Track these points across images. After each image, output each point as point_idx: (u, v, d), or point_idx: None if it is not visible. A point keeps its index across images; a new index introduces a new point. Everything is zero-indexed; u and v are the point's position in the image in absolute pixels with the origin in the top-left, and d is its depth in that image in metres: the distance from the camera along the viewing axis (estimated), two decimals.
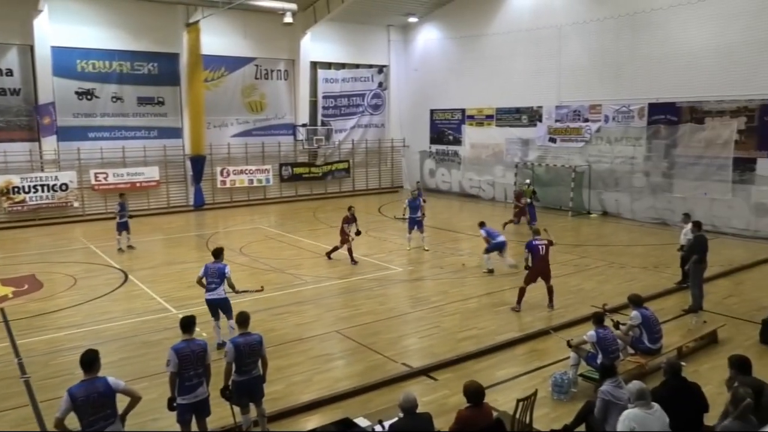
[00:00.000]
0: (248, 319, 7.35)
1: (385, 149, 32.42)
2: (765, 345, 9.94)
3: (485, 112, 28.09)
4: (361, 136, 31.53)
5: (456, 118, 29.63)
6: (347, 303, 12.54)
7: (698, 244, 11.91)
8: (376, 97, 31.92)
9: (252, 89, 28.05)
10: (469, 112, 28.89)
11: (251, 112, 28.17)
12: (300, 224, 22.34)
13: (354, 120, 31.20)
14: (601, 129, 23.20)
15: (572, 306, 12.17)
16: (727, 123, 19.41)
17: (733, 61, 18.96)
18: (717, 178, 19.66)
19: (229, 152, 27.38)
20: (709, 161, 19.88)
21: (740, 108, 19.15)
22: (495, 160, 27.62)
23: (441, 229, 21.02)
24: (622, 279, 14.35)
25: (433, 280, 14.40)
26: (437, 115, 30.65)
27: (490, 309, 12.10)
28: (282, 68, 28.78)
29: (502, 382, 8.76)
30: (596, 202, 23.64)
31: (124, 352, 10.00)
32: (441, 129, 30.53)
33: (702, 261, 11.79)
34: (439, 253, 17.06)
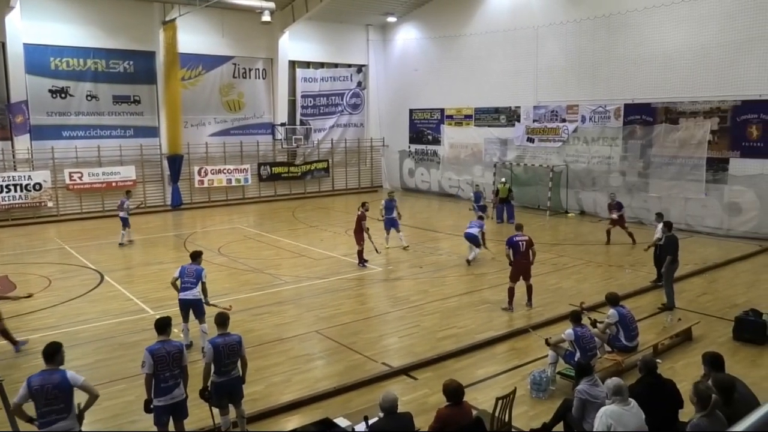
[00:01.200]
0: (227, 319, 7.30)
1: (364, 149, 32.41)
2: (738, 342, 10.15)
3: (464, 112, 28.23)
4: (340, 136, 31.49)
5: (435, 117, 29.73)
6: (327, 303, 12.51)
7: (670, 244, 12.12)
8: (355, 97, 31.89)
9: (230, 88, 27.85)
10: (448, 111, 29.01)
11: (229, 111, 27.97)
12: (279, 224, 22.23)
13: (333, 119, 31.15)
14: (578, 129, 23.46)
15: (550, 305, 12.29)
16: (701, 123, 19.76)
17: (707, 63, 19.31)
18: (691, 177, 20.00)
19: (207, 151, 27.15)
20: (683, 161, 20.22)
21: (713, 109, 19.50)
22: (474, 160, 27.77)
23: (420, 228, 21.07)
24: (600, 278, 14.54)
25: (412, 280, 14.44)
26: (416, 114, 30.72)
27: (470, 308, 12.17)
28: (260, 67, 28.61)
29: (481, 380, 8.81)
30: (574, 201, 23.91)
31: (100, 354, 9.86)
32: (420, 129, 30.61)
33: (674, 261, 12.00)
34: (418, 253, 17.10)
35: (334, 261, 16.21)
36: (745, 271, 15.22)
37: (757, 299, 12.56)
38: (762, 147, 18.58)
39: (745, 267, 15.67)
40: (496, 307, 12.15)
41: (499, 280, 14.11)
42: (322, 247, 17.95)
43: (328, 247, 17.78)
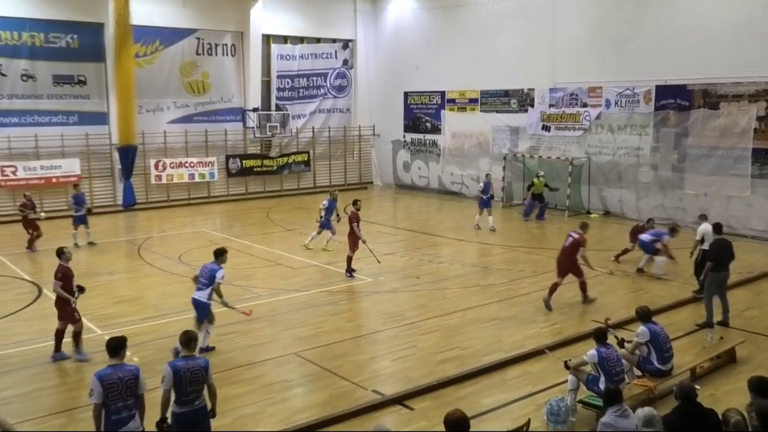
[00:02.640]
0: (194, 339, 7.26)
1: (351, 138, 32.38)
2: None
3: (468, 96, 28.28)
4: (323, 123, 31.46)
5: (434, 102, 29.76)
6: (307, 320, 12.47)
7: (715, 249, 12.15)
8: (340, 77, 31.87)
9: (192, 67, 27.77)
10: (449, 95, 29.04)
11: (192, 94, 27.88)
12: (251, 227, 22.18)
13: (314, 104, 31.11)
14: (601, 115, 23.53)
15: (570, 321, 12.30)
16: (745, 108, 19.85)
17: (753, 37, 19.38)
18: (734, 172, 20.10)
19: (166, 142, 27.05)
20: (724, 153, 20.32)
21: (760, 91, 19.59)
22: (480, 152, 27.82)
23: (417, 232, 21.06)
24: (628, 289, 14.56)
25: (408, 292, 14.42)
26: (412, 98, 30.73)
27: (476, 325, 12.16)
28: (228, 42, 28.55)
29: (489, 410, 8.78)
30: (597, 199, 23.97)
31: (36, 382, 9.77)
32: (417, 115, 30.62)
33: (720, 269, 12.02)
34: (415, 261, 17.10)
35: (316, 270, 16.17)
36: None
37: None
38: None
39: None
40: (506, 324, 12.15)
41: (509, 293, 14.14)
42: (302, 254, 17.92)
43: (308, 255, 17.75)
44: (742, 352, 10.55)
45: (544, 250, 18.30)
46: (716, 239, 12.44)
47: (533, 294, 14.08)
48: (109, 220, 23.84)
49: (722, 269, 12.03)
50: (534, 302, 13.48)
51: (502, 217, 24.57)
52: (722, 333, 11.33)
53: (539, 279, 15.28)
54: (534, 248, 18.62)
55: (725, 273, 12.11)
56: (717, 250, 12.10)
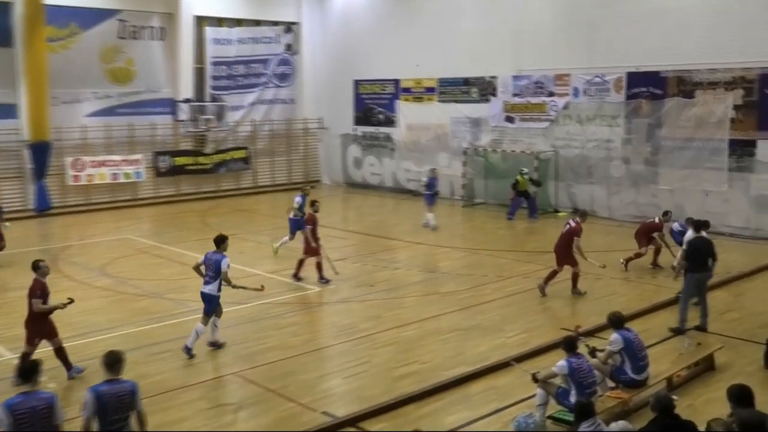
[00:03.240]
0: (119, 361, 7.16)
1: (296, 132, 32.28)
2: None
3: (425, 84, 28.43)
4: (264, 115, 31.31)
5: (388, 91, 29.83)
6: (249, 336, 12.37)
7: (691, 248, 12.44)
8: (283, 64, 31.73)
9: (115, 53, 27.30)
10: (404, 83, 29.16)
11: (115, 83, 27.42)
12: (184, 233, 21.91)
13: (254, 94, 30.94)
14: (569, 105, 23.94)
15: (538, 330, 12.46)
16: (722, 97, 20.42)
17: (729, 21, 19.95)
18: (710, 165, 20.65)
19: (85, 137, 26.57)
20: (700, 144, 20.86)
21: (737, 78, 20.18)
22: (438, 146, 28.00)
23: (370, 235, 21.08)
24: (599, 294, 14.82)
25: (361, 302, 14.41)
26: (364, 87, 30.76)
27: (436, 336, 12.22)
28: (156, 25, 28.15)
29: (452, 430, 8.82)
30: (565, 197, 24.37)
31: None
32: (369, 106, 30.66)
33: (699, 269, 12.30)
34: (368, 267, 17.09)
35: (259, 280, 15.96)
36: None
37: None
38: None
39: None
40: (469, 334, 12.25)
41: (472, 300, 14.26)
42: (243, 261, 17.73)
43: (250, 262, 17.59)
44: (721, 358, 10.83)
45: (508, 253, 18.52)
46: (695, 237, 12.74)
47: (498, 301, 14.23)
48: (20, 226, 23.15)
49: (701, 270, 12.31)
50: (499, 310, 13.62)
51: (463, 218, 24.81)
52: (700, 339, 11.60)
53: (504, 284, 15.45)
54: (498, 251, 18.80)
55: (705, 274, 12.39)
56: (694, 249, 12.39)
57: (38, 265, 10.54)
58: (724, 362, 10.80)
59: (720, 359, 10.78)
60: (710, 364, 10.62)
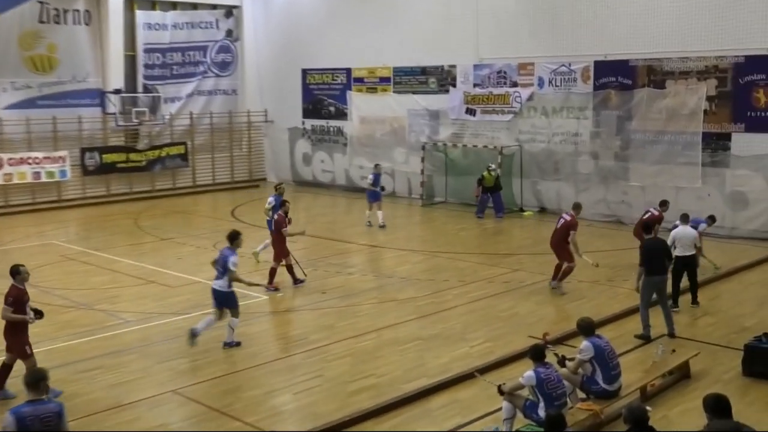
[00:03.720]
0: (42, 379, 7.03)
1: (238, 126, 32.11)
2: (749, 378, 10.70)
3: (379, 74, 28.47)
4: (203, 108, 31.09)
5: (339, 81, 29.81)
6: (188, 350, 12.20)
7: (644, 250, 12.65)
8: (223, 52, 31.50)
9: (35, 38, 26.81)
10: (356, 73, 29.17)
11: (35, 71, 26.95)
12: (115, 237, 21.61)
13: (192, 84, 30.72)
14: (534, 96, 24.20)
15: (503, 338, 12.54)
16: (694, 87, 20.86)
17: (702, 6, 20.30)
18: (683, 159, 21.09)
19: (2, 132, 26.09)
20: (672, 138, 21.29)
21: (710, 67, 20.63)
22: (394, 140, 28.07)
23: (321, 238, 21.02)
24: (568, 298, 15.00)
25: (312, 311, 14.35)
26: (312, 77, 30.69)
27: (394, 347, 12.22)
28: (81, 8, 27.71)
29: None
30: (530, 194, 24.64)
31: None
32: (318, 97, 30.60)
33: (654, 272, 12.47)
34: (320, 273, 17.04)
35: (200, 288, 15.84)
36: (755, 283, 16.16)
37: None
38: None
39: (755, 277, 16.63)
40: (429, 344, 12.28)
41: (432, 307, 14.31)
42: (181, 268, 17.56)
43: (189, 269, 17.40)
44: (697, 365, 11.02)
45: (471, 256, 18.64)
46: (648, 239, 12.97)
47: (460, 307, 14.30)
48: None
49: (657, 273, 12.53)
50: (461, 317, 13.68)
51: (422, 218, 24.90)
52: (675, 345, 11.80)
53: (466, 289, 15.54)
54: (460, 253, 18.92)
55: (660, 277, 12.61)
56: (648, 250, 12.62)
57: (18, 270, 10.35)
58: (701, 370, 11.00)
59: (696, 367, 10.97)
60: (686, 372, 10.80)
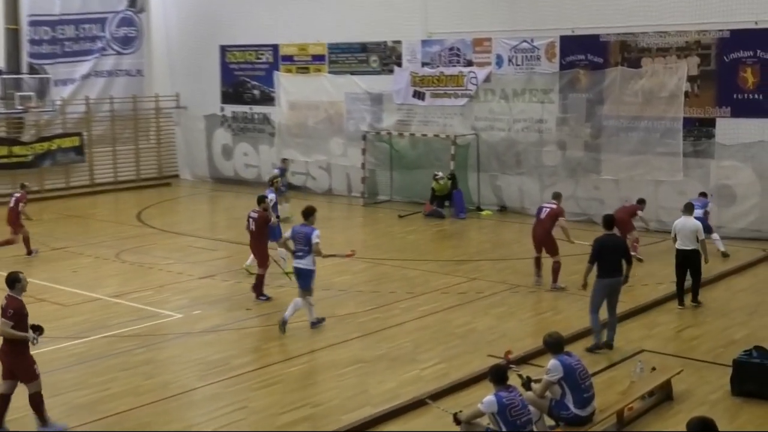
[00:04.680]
0: None
1: (145, 114, 31.87)
2: (738, 397, 10.88)
3: (311, 51, 28.42)
4: (102, 92, 30.78)
5: (264, 60, 29.70)
6: (86, 380, 12.04)
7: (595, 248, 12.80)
8: (126, 25, 31.18)
9: None
10: (285, 50, 29.08)
11: None
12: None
13: (88, 64, 30.41)
14: (491, 77, 24.41)
15: (459, 358, 12.59)
16: (674, 66, 21.26)
17: None
18: (662, 149, 21.48)
19: None
20: (650, 124, 21.69)
21: (691, 43, 21.05)
22: (330, 129, 28.04)
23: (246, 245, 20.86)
24: (533, 310, 15.17)
25: (235, 331, 14.25)
26: (233, 55, 30.52)
27: (331, 372, 12.20)
28: None
29: None
30: (489, 191, 24.86)
31: None
32: (240, 79, 30.46)
33: (606, 274, 12.63)
34: (244, 286, 16.90)
35: (99, 306, 15.65)
36: (745, 290, 16.53)
37: (763, 330, 13.66)
38: (761, 100, 20.32)
39: (744, 283, 17.02)
40: (374, 367, 12.27)
41: (376, 324, 14.32)
42: (77, 283, 17.27)
43: (87, 284, 17.14)
44: (681, 385, 11.21)
45: (421, 263, 18.69)
46: (602, 235, 13.13)
47: (409, 323, 14.34)
48: None
49: (607, 274, 12.71)
50: (411, 335, 13.71)
51: (365, 220, 24.95)
52: (656, 362, 11.98)
53: (416, 302, 15.59)
54: (408, 261, 18.98)
55: (613, 280, 12.74)
56: (600, 247, 12.78)
57: (18, 278, 10.24)
58: (684, 390, 11.18)
59: (679, 386, 11.14)
60: (667, 392, 10.96)
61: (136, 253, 19.87)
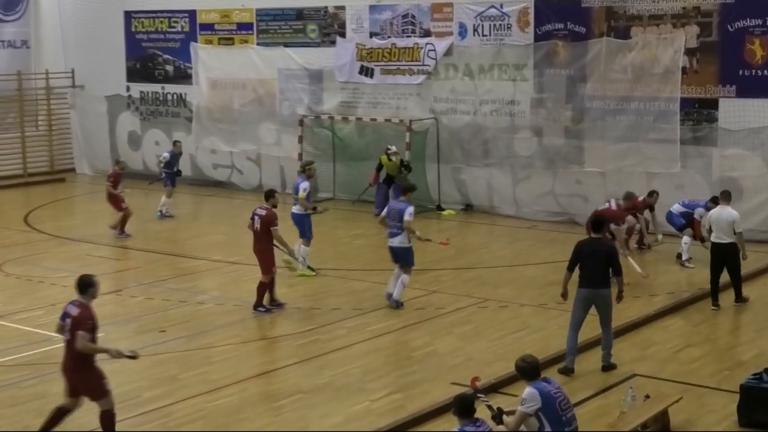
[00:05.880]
0: None
1: (32, 94, 31.72)
2: (747, 428, 11.01)
3: (236, 19, 28.37)
4: None
5: (178, 29, 29.59)
6: None
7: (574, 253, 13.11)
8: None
9: None
10: (203, 17, 29.03)
11: None
12: None
13: None
14: (453, 50, 24.53)
15: (417, 386, 12.65)
16: (669, 37, 21.49)
17: None
18: (655, 136, 21.72)
19: None
20: (641, 106, 21.92)
21: (689, 10, 21.32)
22: (260, 113, 28.04)
23: (159, 253, 20.82)
24: (505, 329, 15.24)
25: (147, 357, 14.11)
26: (140, 23, 30.40)
27: (265, 405, 12.23)
28: None
29: None
30: (451, 186, 24.99)
31: None
32: (149, 52, 30.36)
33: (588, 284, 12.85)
34: (157, 303, 16.87)
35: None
36: (754, 302, 16.69)
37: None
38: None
39: (753, 294, 17.12)
40: (315, 399, 12.27)
41: (317, 347, 14.33)
42: None
43: None
44: (680, 415, 11.34)
45: (370, 273, 18.74)
46: (586, 239, 13.45)
47: (357, 346, 14.38)
48: None
49: (588, 285, 12.91)
50: (359, 360, 13.73)
51: None
52: (650, 389, 12.12)
53: (366, 320, 15.66)
54: (354, 270, 19.08)
55: (592, 291, 12.91)
56: (578, 252, 13.08)
57: (92, 282, 10.60)
58: (684, 420, 11.31)
59: (677, 417, 11.26)
60: (664, 424, 11.07)
61: (22, 264, 19.69)
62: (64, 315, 10.51)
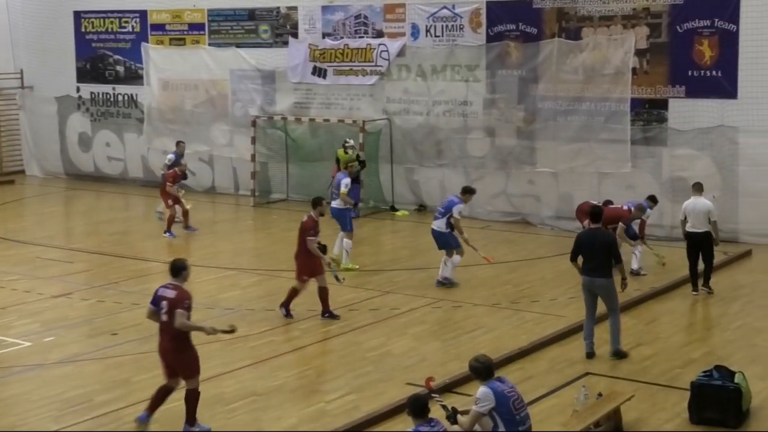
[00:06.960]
0: None
1: None
2: (699, 426, 11.14)
3: (187, 19, 28.25)
4: None
5: (128, 30, 29.40)
6: None
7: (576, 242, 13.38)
8: None
9: None
10: (155, 17, 28.87)
11: None
12: None
13: None
14: (406, 50, 24.61)
15: (371, 387, 12.66)
16: (619, 38, 21.70)
17: None
18: (607, 136, 21.92)
19: None
20: (592, 107, 22.11)
21: (639, 11, 21.54)
22: (212, 114, 27.96)
23: (110, 255, 20.67)
24: (459, 329, 15.30)
25: (98, 361, 14.07)
26: (90, 24, 30.17)
27: (217, 408, 12.09)
28: None
29: None
30: (405, 187, 25.07)
31: None
32: (100, 53, 30.15)
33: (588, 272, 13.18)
34: (108, 306, 16.77)
35: None
36: (703, 300, 16.91)
37: (725, 347, 14.11)
38: (720, 77, 20.87)
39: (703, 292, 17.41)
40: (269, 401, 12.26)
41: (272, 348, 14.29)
42: None
43: None
44: (631, 413, 11.44)
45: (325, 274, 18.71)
46: (587, 229, 13.58)
47: (311, 347, 14.40)
48: None
49: (586, 272, 13.20)
50: (313, 361, 13.76)
51: (256, 224, 24.99)
52: (602, 387, 12.21)
53: (320, 322, 15.62)
54: None
55: (590, 279, 13.22)
56: (579, 242, 13.39)
57: (184, 265, 11.29)
58: (636, 419, 11.42)
59: (630, 415, 11.36)
60: (616, 422, 11.15)
61: None
62: (158, 299, 11.09)
